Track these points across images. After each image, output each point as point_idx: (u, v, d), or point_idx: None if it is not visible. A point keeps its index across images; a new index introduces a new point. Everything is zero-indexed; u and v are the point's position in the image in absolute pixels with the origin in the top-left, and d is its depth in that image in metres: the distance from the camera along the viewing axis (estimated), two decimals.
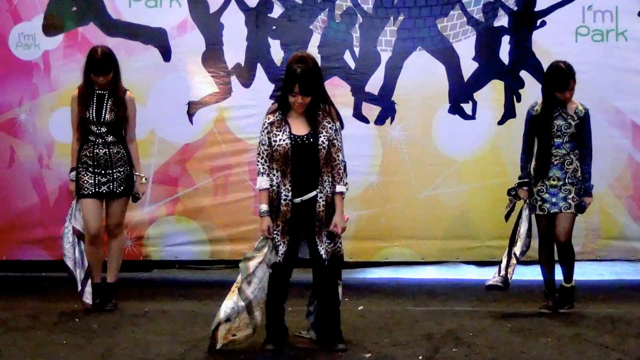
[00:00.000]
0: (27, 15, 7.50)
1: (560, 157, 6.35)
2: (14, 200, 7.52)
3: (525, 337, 5.74)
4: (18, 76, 7.50)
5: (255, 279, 5.31)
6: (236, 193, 7.52)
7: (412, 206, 7.49)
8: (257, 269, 5.31)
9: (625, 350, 5.40)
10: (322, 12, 7.47)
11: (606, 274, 8.07)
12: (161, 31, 7.49)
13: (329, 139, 5.33)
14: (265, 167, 5.36)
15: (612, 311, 6.50)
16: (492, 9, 7.41)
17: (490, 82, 7.46)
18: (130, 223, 7.30)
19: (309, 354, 5.39)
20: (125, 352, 5.38)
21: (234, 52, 7.48)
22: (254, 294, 5.31)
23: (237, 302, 5.30)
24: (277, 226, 5.34)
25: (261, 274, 5.33)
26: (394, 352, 5.38)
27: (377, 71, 7.47)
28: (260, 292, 5.33)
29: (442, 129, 7.48)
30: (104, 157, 6.38)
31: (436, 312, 6.50)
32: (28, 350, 5.39)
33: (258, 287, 5.31)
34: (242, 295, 5.30)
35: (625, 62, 7.38)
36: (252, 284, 5.31)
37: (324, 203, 5.33)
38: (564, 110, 6.36)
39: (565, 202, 6.33)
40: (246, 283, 5.31)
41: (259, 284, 5.32)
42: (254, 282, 5.31)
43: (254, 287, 5.31)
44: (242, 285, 5.31)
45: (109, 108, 6.38)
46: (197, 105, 7.50)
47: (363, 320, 6.22)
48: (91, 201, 6.37)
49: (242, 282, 5.32)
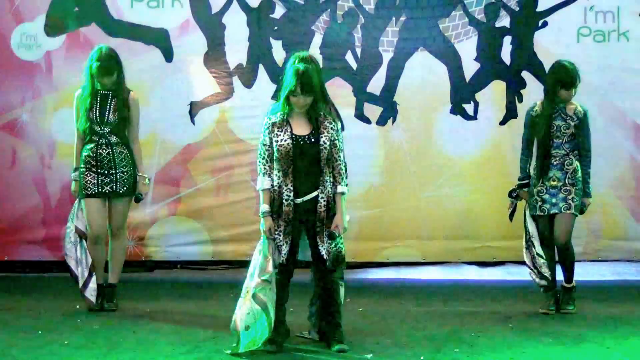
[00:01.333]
0: (29, 15, 7.51)
1: (560, 158, 6.35)
2: (15, 201, 7.53)
3: (527, 338, 5.74)
4: (20, 77, 7.51)
5: (269, 286, 5.30)
6: (238, 193, 7.53)
7: (413, 206, 7.49)
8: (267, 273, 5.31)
9: (626, 351, 5.40)
10: (324, 12, 7.47)
11: (608, 274, 8.06)
12: (163, 31, 7.51)
13: (330, 139, 5.33)
14: (266, 168, 5.36)
15: (614, 311, 6.49)
16: (494, 9, 7.42)
17: (492, 82, 7.47)
18: (132, 223, 7.31)
19: (310, 354, 5.39)
20: (127, 353, 5.37)
21: (236, 52, 7.49)
22: (266, 296, 5.29)
23: (251, 307, 5.27)
24: (278, 226, 5.34)
25: (270, 277, 5.33)
26: (396, 353, 5.37)
27: (378, 71, 7.48)
28: (271, 292, 5.31)
29: (443, 130, 7.49)
30: (107, 158, 6.38)
31: (438, 313, 6.50)
32: (30, 351, 5.39)
33: (269, 288, 5.30)
34: (256, 300, 5.27)
35: (626, 62, 7.40)
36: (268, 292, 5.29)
37: (325, 203, 5.32)
38: (563, 111, 6.36)
39: (565, 203, 6.33)
40: (263, 294, 5.27)
41: (269, 284, 5.31)
42: (267, 288, 5.30)
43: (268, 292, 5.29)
44: (259, 295, 5.27)
45: (113, 108, 6.38)
46: (199, 106, 7.51)
47: (365, 321, 6.22)
48: (94, 201, 6.37)
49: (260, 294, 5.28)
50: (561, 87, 6.28)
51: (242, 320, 5.26)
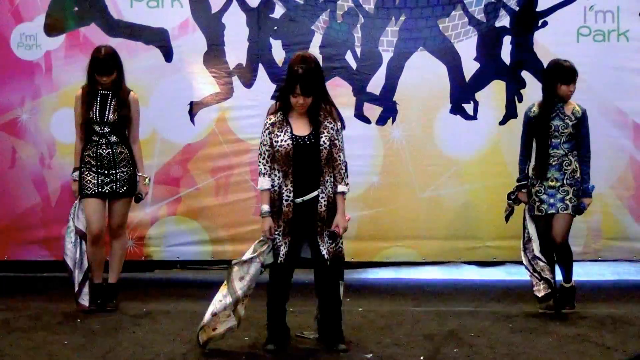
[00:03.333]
0: (28, 15, 7.50)
1: (558, 158, 6.35)
2: (15, 201, 7.52)
3: (526, 338, 5.74)
4: (20, 76, 7.50)
5: (248, 276, 5.34)
6: (238, 193, 7.52)
7: (413, 206, 7.49)
8: (251, 266, 5.33)
9: (626, 351, 5.40)
10: (324, 12, 7.47)
11: (607, 274, 8.07)
12: (163, 31, 7.50)
13: (330, 139, 5.34)
14: (266, 168, 5.37)
15: (614, 311, 6.50)
16: (494, 9, 7.41)
17: (492, 82, 7.46)
18: (132, 223, 7.30)
19: (310, 354, 5.40)
20: (127, 353, 5.38)
21: (235, 52, 7.49)
22: (242, 290, 5.32)
23: (225, 296, 5.32)
24: (278, 227, 5.35)
25: (254, 271, 5.35)
26: (395, 353, 5.38)
27: (378, 71, 7.47)
28: (248, 289, 5.34)
29: (443, 129, 7.48)
30: (107, 157, 6.38)
31: (437, 313, 6.50)
32: (30, 351, 5.40)
33: (247, 285, 5.33)
34: (230, 290, 5.32)
35: (626, 62, 7.39)
36: (244, 280, 5.33)
37: (326, 203, 5.33)
38: (562, 111, 6.36)
39: (563, 203, 6.33)
40: (238, 279, 5.33)
41: (249, 281, 5.34)
42: (245, 278, 5.33)
43: (243, 284, 5.32)
44: (234, 281, 5.32)
45: (113, 108, 6.39)
46: (199, 106, 7.50)
47: (364, 321, 6.22)
48: (94, 201, 6.38)
49: (235, 279, 5.33)
50: (561, 83, 6.28)
51: (213, 306, 5.32)
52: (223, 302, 5.32)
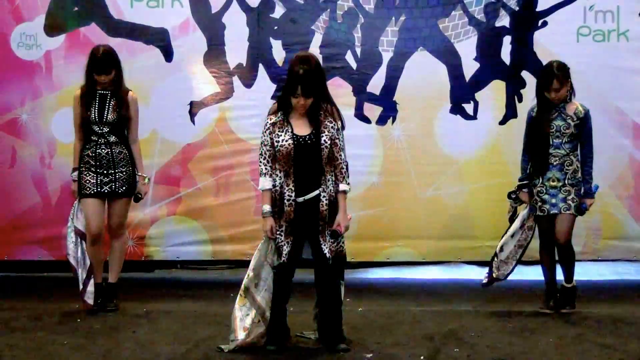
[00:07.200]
0: (28, 15, 7.51)
1: (559, 158, 6.34)
2: (15, 200, 7.53)
3: (526, 338, 5.74)
4: (20, 76, 7.51)
5: (261, 282, 5.37)
6: (238, 193, 7.53)
7: (413, 206, 7.50)
8: (262, 270, 5.35)
9: (626, 351, 5.39)
10: (324, 12, 7.47)
11: (607, 274, 8.06)
12: (163, 31, 7.50)
13: (331, 139, 5.34)
14: (267, 168, 5.36)
15: (614, 311, 6.50)
16: (494, 9, 7.42)
17: (492, 82, 7.47)
18: (132, 223, 7.31)
19: (310, 354, 5.39)
20: (127, 353, 5.38)
21: (235, 52, 7.49)
22: (262, 297, 5.35)
23: (250, 308, 5.35)
24: (280, 226, 5.35)
25: (265, 274, 5.38)
26: (396, 353, 5.38)
27: (378, 71, 7.48)
28: (267, 292, 5.37)
29: (443, 129, 7.49)
30: (107, 157, 6.38)
31: (438, 312, 6.50)
32: (30, 351, 5.39)
33: (264, 289, 5.36)
34: (253, 302, 5.34)
35: (626, 62, 7.39)
36: (259, 287, 5.36)
37: (327, 202, 5.33)
38: (564, 111, 6.36)
39: (565, 203, 6.33)
40: (254, 286, 5.35)
41: (265, 285, 5.36)
42: (260, 285, 5.36)
43: (261, 289, 5.35)
44: (251, 290, 5.34)
45: (112, 108, 6.38)
46: (199, 105, 7.51)
47: (364, 320, 6.22)
48: (93, 201, 6.37)
49: (250, 287, 5.34)
50: (544, 90, 6.30)
51: (240, 319, 5.31)
52: (250, 314, 5.35)
